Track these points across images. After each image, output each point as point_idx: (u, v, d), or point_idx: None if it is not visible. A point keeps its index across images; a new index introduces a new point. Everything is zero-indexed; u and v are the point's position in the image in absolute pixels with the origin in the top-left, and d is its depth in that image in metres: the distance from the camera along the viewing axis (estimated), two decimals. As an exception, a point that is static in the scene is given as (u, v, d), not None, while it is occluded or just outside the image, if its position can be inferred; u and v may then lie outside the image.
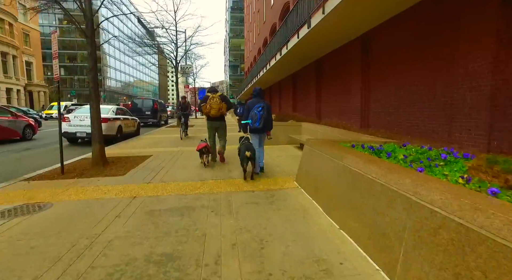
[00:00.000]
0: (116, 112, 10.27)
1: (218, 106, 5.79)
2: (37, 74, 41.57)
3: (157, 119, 18.14)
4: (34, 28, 41.01)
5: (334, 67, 10.72)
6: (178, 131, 12.40)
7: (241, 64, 70.69)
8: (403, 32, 6.34)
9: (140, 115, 17.25)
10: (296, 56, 11.83)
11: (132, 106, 17.74)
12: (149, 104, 17.82)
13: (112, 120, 9.67)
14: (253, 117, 4.89)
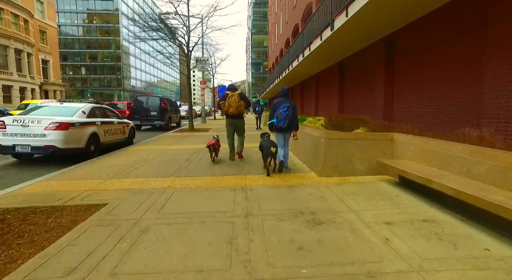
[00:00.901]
0: (89, 114, 6.87)
1: (237, 105, 5.88)
2: (53, 73, 40.24)
3: (165, 122, 14.83)
4: (51, 25, 39.66)
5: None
6: (192, 137, 8.95)
7: (263, 61, 67.10)
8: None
9: (145, 116, 14.04)
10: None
11: (135, 105, 14.54)
12: (156, 103, 14.54)
13: (78, 126, 6.27)
14: (279, 116, 4.96)
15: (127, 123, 8.98)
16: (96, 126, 6.91)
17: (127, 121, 9.09)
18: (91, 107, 7.11)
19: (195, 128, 14.48)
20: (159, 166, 5.63)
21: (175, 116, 17.31)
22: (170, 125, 15.71)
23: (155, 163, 6.02)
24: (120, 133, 8.33)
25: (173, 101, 17.36)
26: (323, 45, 9.56)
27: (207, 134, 12.24)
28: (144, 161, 6.19)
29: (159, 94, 17.54)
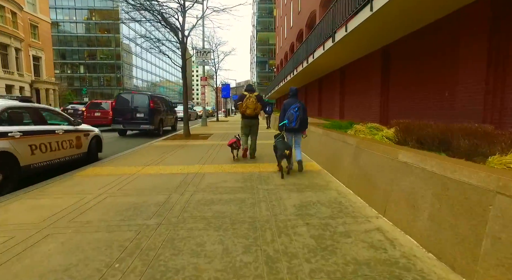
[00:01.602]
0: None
1: (254, 106, 6.01)
2: (46, 70, 37.63)
3: (156, 125, 11.92)
4: (44, 19, 37.07)
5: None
6: (185, 150, 6.08)
7: (269, 60, 64.20)
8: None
9: (130, 118, 11.18)
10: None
11: (117, 105, 11.64)
12: (143, 102, 11.64)
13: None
14: (290, 117, 4.96)
15: (86, 132, 6.07)
16: (10, 140, 4.00)
17: (87, 129, 6.18)
18: (4, 108, 4.17)
19: (191, 134, 11.57)
20: (81, 251, 2.65)
21: (170, 119, 14.40)
22: (162, 130, 12.79)
23: (79, 230, 3.03)
24: (70, 148, 5.42)
25: (167, 100, 14.45)
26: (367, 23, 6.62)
27: (206, 144, 9.29)
28: (62, 220, 3.22)
29: (148, 92, 14.41)
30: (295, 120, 4.95)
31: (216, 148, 8.35)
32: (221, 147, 8.42)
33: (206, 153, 7.42)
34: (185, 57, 10.80)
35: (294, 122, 4.95)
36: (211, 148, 8.34)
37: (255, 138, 6.63)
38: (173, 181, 4.51)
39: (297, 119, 4.95)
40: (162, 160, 6.34)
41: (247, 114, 6.15)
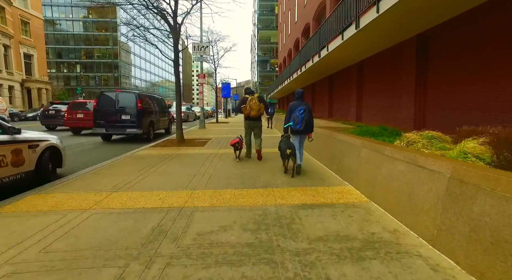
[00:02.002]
0: None
1: (258, 107, 6.17)
2: (39, 69, 36.00)
3: (145, 129, 10.24)
4: (36, 15, 35.43)
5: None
6: (174, 162, 4.38)
7: (271, 59, 62.55)
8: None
9: (114, 121, 9.55)
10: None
11: (99, 106, 9.96)
12: (129, 102, 9.96)
13: None
14: (295, 119, 4.98)
15: (33, 143, 4.38)
16: None
17: (35, 138, 4.50)
18: None
19: (186, 139, 9.89)
20: None
21: (163, 121, 12.72)
22: (152, 134, 11.10)
23: None
24: (4, 166, 3.74)
25: (160, 100, 12.74)
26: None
27: (202, 153, 7.61)
28: None
29: (136, 90, 12.61)
30: (300, 122, 4.99)
31: (214, 159, 6.66)
32: (220, 157, 6.73)
33: (200, 167, 5.73)
34: (178, 49, 9.11)
35: (299, 125, 5.00)
36: (208, 159, 6.66)
37: (260, 140, 6.57)
38: (141, 228, 2.81)
39: (303, 121, 4.99)
40: (139, 181, 4.65)
41: (251, 116, 6.27)
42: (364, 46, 8.99)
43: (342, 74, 13.41)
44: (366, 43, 8.62)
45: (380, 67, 9.69)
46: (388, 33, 7.46)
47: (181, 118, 9.51)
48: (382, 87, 9.54)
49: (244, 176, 5.02)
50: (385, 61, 9.25)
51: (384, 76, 9.42)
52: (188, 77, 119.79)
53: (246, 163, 6.16)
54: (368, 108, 10.79)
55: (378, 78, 9.86)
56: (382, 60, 9.49)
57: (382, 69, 9.50)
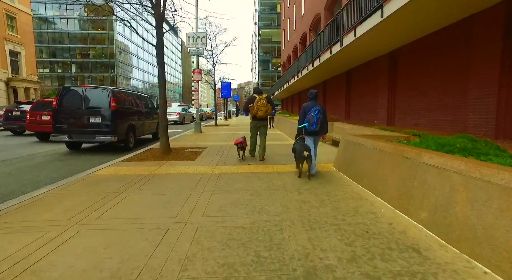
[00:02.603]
0: None
1: (265, 108, 6.15)
2: (27, 67, 33.77)
3: (121, 136, 8.06)
4: (23, 10, 33.25)
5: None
6: (140, 200, 2.12)
7: (272, 59, 60.49)
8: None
9: (80, 125, 7.38)
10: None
11: (60, 105, 7.71)
12: (101, 101, 7.72)
13: None
14: (310, 120, 4.88)
15: None
16: None
17: None
18: None
19: (173, 149, 7.69)
20: None
21: (149, 124, 10.47)
22: (133, 141, 8.86)
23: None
24: None
25: (145, 98, 10.49)
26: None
27: (191, 173, 5.38)
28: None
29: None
30: (315, 123, 4.85)
31: (208, 183, 4.41)
32: (217, 181, 4.47)
33: (183, 205, 3.48)
34: (162, 31, 6.90)
35: (314, 125, 4.85)
36: (198, 184, 4.41)
37: (264, 139, 6.57)
38: None
39: (318, 122, 4.84)
40: (51, 250, 2.40)
41: (258, 116, 6.24)
42: (408, 26, 6.75)
43: (366, 68, 11.17)
44: (408, 24, 6.38)
45: (426, 55, 7.45)
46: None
47: (167, 121, 7.26)
48: (433, 82, 7.29)
49: (258, 229, 2.77)
50: (436, 45, 7.01)
51: (434, 67, 7.17)
52: (188, 77, 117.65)
53: (257, 190, 3.91)
54: (404, 109, 8.53)
55: (422, 71, 7.61)
56: (431, 44, 7.25)
57: (432, 58, 7.26)
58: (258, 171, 5.35)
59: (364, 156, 4.21)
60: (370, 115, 10.92)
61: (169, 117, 22.56)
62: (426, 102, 7.41)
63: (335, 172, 5.21)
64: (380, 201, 3.50)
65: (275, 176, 4.89)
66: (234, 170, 5.44)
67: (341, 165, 5.16)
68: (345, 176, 4.81)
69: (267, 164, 6.02)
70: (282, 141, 10.29)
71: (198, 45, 13.23)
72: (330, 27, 10.71)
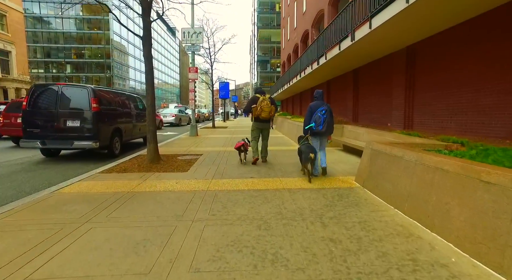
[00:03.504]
0: None
1: (269, 109, 5.81)
2: (18, 67, 32.61)
3: (105, 142, 7.08)
4: (14, 8, 32.11)
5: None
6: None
7: (271, 59, 59.58)
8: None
9: (56, 129, 6.38)
10: None
11: (32, 106, 6.66)
12: (80, 101, 6.70)
13: None
14: (317, 120, 4.77)
15: None
16: None
17: None
18: None
19: (164, 156, 6.69)
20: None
21: (139, 127, 9.44)
22: (118, 148, 7.84)
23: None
24: None
25: (133, 99, 9.46)
26: None
27: (181, 191, 4.37)
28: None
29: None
30: (322, 124, 4.74)
31: (201, 208, 3.38)
32: (213, 203, 3.45)
33: (163, 247, 2.46)
34: (149, 18, 5.90)
35: (321, 126, 4.75)
36: (189, 207, 3.40)
37: (266, 143, 6.28)
38: None
39: (324, 123, 4.74)
40: None
41: (262, 117, 5.89)
42: (441, 11, 5.78)
43: (377, 65, 10.20)
44: (452, 4, 5.41)
45: (456, 48, 6.48)
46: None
47: (155, 125, 6.24)
48: (465, 79, 6.32)
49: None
50: (472, 35, 6.05)
51: (467, 62, 6.21)
52: (186, 78, 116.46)
53: (266, 220, 2.90)
54: (425, 110, 7.56)
55: (450, 67, 6.65)
56: (464, 35, 6.29)
57: (463, 51, 6.29)
58: (264, 186, 4.34)
59: (405, 172, 3.21)
60: (382, 117, 9.96)
61: (165, 119, 21.53)
62: (455, 102, 6.43)
63: (358, 188, 4.22)
64: (442, 241, 2.50)
65: (286, 195, 3.89)
66: (234, 185, 4.43)
67: (366, 179, 4.16)
68: (374, 196, 3.82)
69: (274, 176, 5.01)
70: (287, 146, 9.29)
71: (194, 42, 12.24)
72: (337, 22, 9.75)
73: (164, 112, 22.47)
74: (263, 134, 6.23)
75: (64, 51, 58.73)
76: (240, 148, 6.00)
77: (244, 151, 6.07)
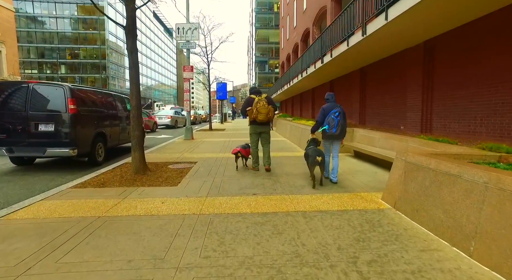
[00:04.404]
0: None
1: (266, 110, 5.22)
2: (8, 67, 31.56)
3: (85, 148, 6.20)
4: (4, 5, 31.10)
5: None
6: None
7: (269, 60, 58.89)
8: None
9: (26, 135, 5.43)
10: None
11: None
12: (54, 102, 5.79)
13: None
14: (331, 122, 4.49)
15: None
16: None
17: None
18: None
19: (152, 164, 5.85)
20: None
21: (128, 130, 8.51)
22: (103, 154, 6.94)
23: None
24: None
25: (123, 99, 8.58)
26: None
27: (165, 216, 3.48)
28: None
29: (65, 83, 7.06)
30: (336, 126, 4.45)
31: (193, 243, 2.50)
32: (205, 238, 2.55)
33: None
34: (134, 5, 5.04)
35: (335, 129, 4.46)
36: (174, 242, 2.52)
37: (268, 148, 5.54)
38: None
39: (338, 125, 4.46)
40: None
41: (259, 120, 5.25)
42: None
43: (388, 63, 9.39)
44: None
45: (488, 40, 5.67)
46: None
47: (142, 130, 5.35)
48: (502, 75, 5.51)
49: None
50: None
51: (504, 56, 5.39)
52: (183, 79, 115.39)
53: (279, 267, 2.04)
54: (448, 112, 6.73)
55: (480, 62, 5.83)
56: (497, 25, 5.47)
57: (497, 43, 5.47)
58: (271, 208, 3.48)
59: (467, 197, 2.36)
60: (393, 119, 9.14)
61: (161, 121, 20.61)
62: (486, 102, 5.61)
63: (390, 211, 3.36)
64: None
65: (300, 222, 3.03)
66: (234, 205, 3.56)
67: (400, 200, 3.31)
68: (415, 223, 2.96)
69: (282, 192, 4.15)
70: (292, 152, 8.42)
71: (190, 38, 11.37)
72: (345, 16, 8.94)
73: (159, 114, 21.53)
74: (263, 138, 5.58)
75: (58, 51, 57.59)
76: (237, 154, 5.54)
77: (242, 156, 5.61)
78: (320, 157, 4.25)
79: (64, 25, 57.73)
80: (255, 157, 5.62)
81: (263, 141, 5.59)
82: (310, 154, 4.39)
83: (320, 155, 4.29)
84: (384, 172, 5.49)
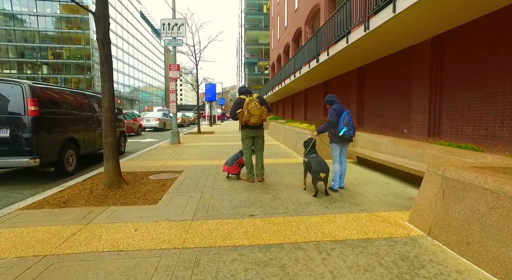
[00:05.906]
0: None
1: (259, 112, 4.57)
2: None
3: (50, 158, 5.32)
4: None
5: None
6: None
7: (259, 61, 58.37)
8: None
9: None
10: None
11: None
12: (10, 103, 4.88)
13: None
14: (347, 124, 4.16)
15: None
16: None
17: None
18: None
19: (129, 176, 5.06)
20: None
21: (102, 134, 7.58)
22: (75, 163, 6.05)
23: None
24: None
25: (99, 99, 7.67)
26: None
27: (126, 272, 2.64)
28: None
29: (25, 81, 4.91)
30: (352, 128, 4.20)
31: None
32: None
33: None
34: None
35: (352, 130, 4.19)
36: None
37: (262, 157, 4.97)
38: None
39: (354, 127, 4.25)
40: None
41: (251, 123, 4.61)
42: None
43: (389, 61, 8.83)
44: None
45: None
46: None
47: (115, 136, 4.53)
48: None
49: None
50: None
51: None
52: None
53: None
54: (460, 114, 6.17)
55: (491, 60, 5.27)
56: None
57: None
58: (275, 238, 2.73)
59: None
60: (395, 122, 8.58)
61: (148, 123, 19.65)
62: (507, 103, 5.04)
63: (427, 242, 2.66)
64: None
65: (315, 259, 2.29)
66: (227, 234, 2.80)
67: (438, 226, 2.62)
68: (471, 264, 2.26)
69: (284, 212, 3.42)
70: (288, 158, 7.70)
71: (176, 35, 10.55)
72: (342, 12, 8.34)
73: (147, 116, 20.50)
74: (256, 144, 4.96)
75: (39, 51, 55.29)
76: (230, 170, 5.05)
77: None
78: (324, 173, 3.88)
79: (46, 23, 55.55)
80: (249, 166, 4.93)
81: (256, 147, 4.96)
82: (313, 167, 3.99)
83: (324, 170, 3.88)
84: (397, 182, 4.84)
